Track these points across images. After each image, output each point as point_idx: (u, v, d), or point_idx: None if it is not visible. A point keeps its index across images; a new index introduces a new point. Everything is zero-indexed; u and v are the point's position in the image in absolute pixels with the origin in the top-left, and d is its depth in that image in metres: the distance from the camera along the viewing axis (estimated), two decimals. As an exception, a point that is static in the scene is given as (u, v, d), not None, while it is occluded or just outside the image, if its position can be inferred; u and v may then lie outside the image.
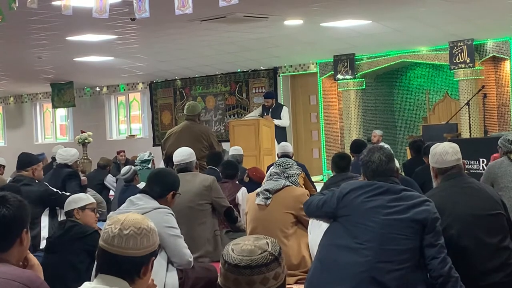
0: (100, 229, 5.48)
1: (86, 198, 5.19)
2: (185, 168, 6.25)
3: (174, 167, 6.39)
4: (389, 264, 3.78)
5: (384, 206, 3.90)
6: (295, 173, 5.59)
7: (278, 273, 2.22)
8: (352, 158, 7.95)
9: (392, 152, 4.26)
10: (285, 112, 12.21)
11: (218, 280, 2.26)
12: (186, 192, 5.63)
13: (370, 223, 3.87)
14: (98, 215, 5.31)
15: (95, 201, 5.27)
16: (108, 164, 11.43)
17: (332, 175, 6.56)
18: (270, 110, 12.21)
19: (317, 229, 4.47)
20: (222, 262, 2.24)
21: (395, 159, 4.25)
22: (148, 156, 9.43)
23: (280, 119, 12.06)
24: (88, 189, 8.10)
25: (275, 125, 11.63)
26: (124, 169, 9.08)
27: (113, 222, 2.52)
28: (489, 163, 6.90)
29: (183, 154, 6.36)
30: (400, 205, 3.89)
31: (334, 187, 4.50)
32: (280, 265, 2.23)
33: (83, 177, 7.76)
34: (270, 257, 2.21)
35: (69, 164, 7.46)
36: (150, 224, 2.55)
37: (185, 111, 9.25)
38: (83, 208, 5.07)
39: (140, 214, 2.67)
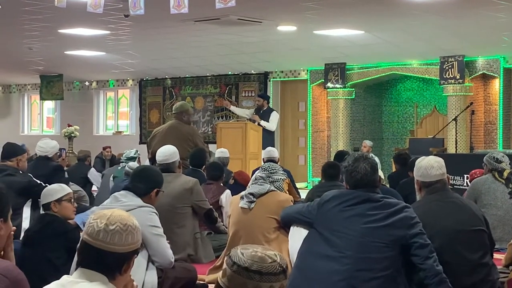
0: (79, 227, 5.41)
1: (61, 189, 5.02)
2: (167, 168, 6.15)
3: (157, 165, 6.34)
4: (369, 273, 3.79)
5: (363, 215, 3.90)
6: (280, 178, 5.58)
7: (282, 286, 2.26)
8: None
9: (376, 162, 4.26)
10: (273, 117, 12.18)
11: (219, 280, 2.27)
12: (166, 195, 5.59)
13: (349, 231, 3.87)
14: (76, 204, 5.19)
15: (71, 191, 5.10)
16: (87, 155, 11.30)
17: (320, 182, 6.57)
18: (261, 112, 12.21)
19: (297, 235, 4.47)
20: (230, 263, 2.25)
21: (380, 169, 4.26)
22: (134, 154, 9.36)
23: (268, 122, 12.05)
24: (71, 183, 8.01)
25: (263, 129, 11.60)
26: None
27: (98, 217, 2.51)
28: (474, 179, 6.94)
29: (166, 153, 6.30)
30: (379, 213, 3.90)
31: (319, 194, 4.49)
32: (286, 278, 2.28)
33: None
34: (280, 268, 2.25)
35: (49, 156, 7.30)
36: (135, 222, 2.55)
37: (173, 110, 9.23)
38: (59, 201, 4.95)
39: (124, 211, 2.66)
